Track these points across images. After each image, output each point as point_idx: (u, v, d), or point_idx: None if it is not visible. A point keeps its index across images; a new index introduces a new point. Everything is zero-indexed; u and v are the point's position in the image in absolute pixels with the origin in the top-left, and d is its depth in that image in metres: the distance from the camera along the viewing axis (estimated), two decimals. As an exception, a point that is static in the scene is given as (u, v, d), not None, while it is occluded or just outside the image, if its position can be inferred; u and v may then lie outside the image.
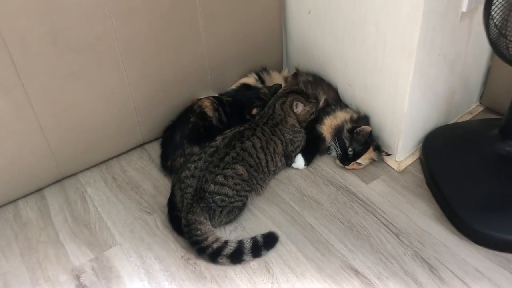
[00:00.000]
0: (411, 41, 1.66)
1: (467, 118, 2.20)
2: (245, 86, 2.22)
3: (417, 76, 1.75)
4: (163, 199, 1.88)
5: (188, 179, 1.73)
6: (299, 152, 1.99)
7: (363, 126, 1.92)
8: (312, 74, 2.25)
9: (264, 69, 2.33)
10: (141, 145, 2.17)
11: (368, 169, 1.98)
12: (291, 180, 1.95)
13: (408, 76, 1.74)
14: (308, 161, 2.00)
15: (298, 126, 1.99)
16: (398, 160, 1.98)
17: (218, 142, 1.80)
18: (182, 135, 1.97)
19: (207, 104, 2.05)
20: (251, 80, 2.24)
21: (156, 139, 2.17)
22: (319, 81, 2.19)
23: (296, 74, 2.11)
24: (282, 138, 1.92)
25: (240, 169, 1.74)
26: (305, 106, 1.96)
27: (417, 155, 2.03)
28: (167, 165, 1.98)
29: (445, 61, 1.84)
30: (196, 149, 1.93)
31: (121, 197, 1.92)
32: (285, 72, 2.36)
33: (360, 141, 1.92)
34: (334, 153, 2.02)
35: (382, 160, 2.01)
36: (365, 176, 1.95)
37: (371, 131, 1.90)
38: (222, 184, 1.69)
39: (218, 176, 1.70)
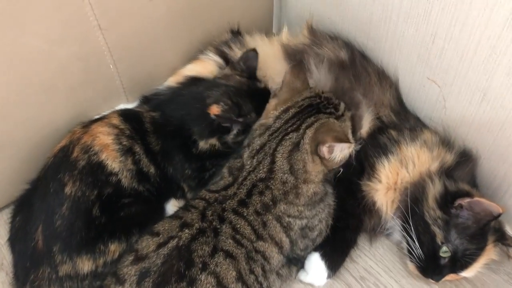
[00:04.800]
0: None
1: None
2: (195, 81, 1.08)
3: None
4: None
5: None
6: (317, 249, 0.93)
7: (477, 199, 0.86)
8: (344, 42, 1.11)
9: (236, 34, 1.16)
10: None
11: (479, 281, 0.95)
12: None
13: None
14: (334, 268, 0.95)
15: (322, 188, 0.91)
16: (542, 255, 0.97)
17: (126, 288, 0.73)
18: (47, 231, 0.87)
19: (104, 138, 0.93)
20: (207, 65, 1.08)
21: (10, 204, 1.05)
22: (360, 63, 1.07)
23: (301, 63, 0.95)
24: (283, 237, 0.84)
25: None
26: (347, 142, 0.84)
27: None
28: (25, 293, 0.90)
29: None
30: (84, 264, 0.87)
31: None
32: (283, 35, 1.18)
33: (469, 229, 0.88)
34: (397, 237, 0.98)
35: (507, 257, 0.98)
36: (475, 302, 0.94)
37: (501, 214, 0.85)
38: None
39: None
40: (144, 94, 1.09)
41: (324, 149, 0.83)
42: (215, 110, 0.96)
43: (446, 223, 0.88)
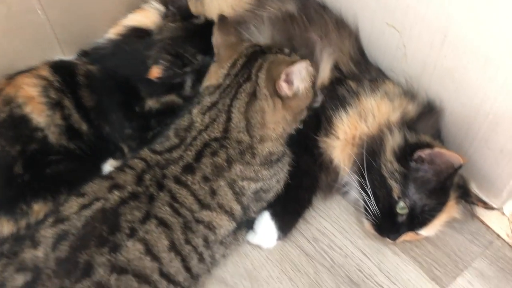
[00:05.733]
0: None
1: None
2: (137, 32, 0.99)
3: None
4: None
5: None
6: (268, 208, 0.85)
7: (438, 149, 0.79)
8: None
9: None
10: None
11: (441, 241, 0.89)
12: (257, 281, 0.85)
13: None
14: (285, 229, 0.88)
15: (280, 148, 0.82)
16: (508, 213, 0.90)
17: (41, 254, 0.65)
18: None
19: (30, 90, 0.84)
20: (149, 15, 0.99)
21: None
22: (315, 11, 0.98)
23: (223, 18, 0.86)
24: (234, 205, 0.76)
25: None
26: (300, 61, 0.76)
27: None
28: None
29: None
30: (3, 226, 0.80)
31: None
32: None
33: (429, 183, 0.81)
34: (354, 194, 0.91)
35: (470, 216, 0.91)
36: (435, 263, 0.87)
37: (462, 165, 0.78)
38: None
39: None
40: (82, 48, 1.00)
41: (283, 85, 0.75)
42: (155, 73, 0.88)
43: (404, 177, 0.81)
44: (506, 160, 0.83)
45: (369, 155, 0.84)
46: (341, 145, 0.87)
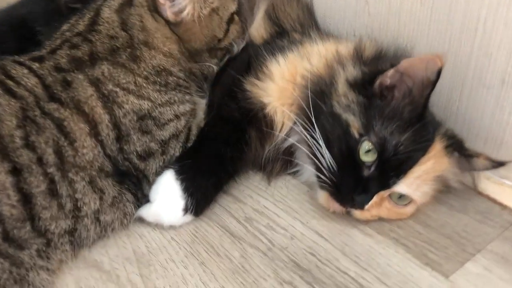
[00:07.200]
0: None
1: None
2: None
3: None
4: None
5: None
6: (173, 164, 0.60)
7: (405, 61, 0.55)
8: None
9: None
10: None
11: (436, 222, 0.60)
12: (148, 266, 0.55)
13: None
14: (197, 197, 0.58)
15: (180, 74, 0.63)
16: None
17: None
18: None
19: None
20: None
21: None
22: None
23: None
24: (99, 109, 0.54)
25: None
26: None
27: None
28: None
29: None
30: None
31: None
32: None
33: (402, 112, 0.56)
34: (308, 172, 0.65)
35: (472, 186, 0.63)
36: (429, 246, 0.56)
37: (441, 68, 0.54)
38: None
39: None
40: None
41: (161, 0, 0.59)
42: None
43: (365, 108, 0.57)
44: None
45: (316, 96, 0.61)
46: (276, 89, 0.65)
